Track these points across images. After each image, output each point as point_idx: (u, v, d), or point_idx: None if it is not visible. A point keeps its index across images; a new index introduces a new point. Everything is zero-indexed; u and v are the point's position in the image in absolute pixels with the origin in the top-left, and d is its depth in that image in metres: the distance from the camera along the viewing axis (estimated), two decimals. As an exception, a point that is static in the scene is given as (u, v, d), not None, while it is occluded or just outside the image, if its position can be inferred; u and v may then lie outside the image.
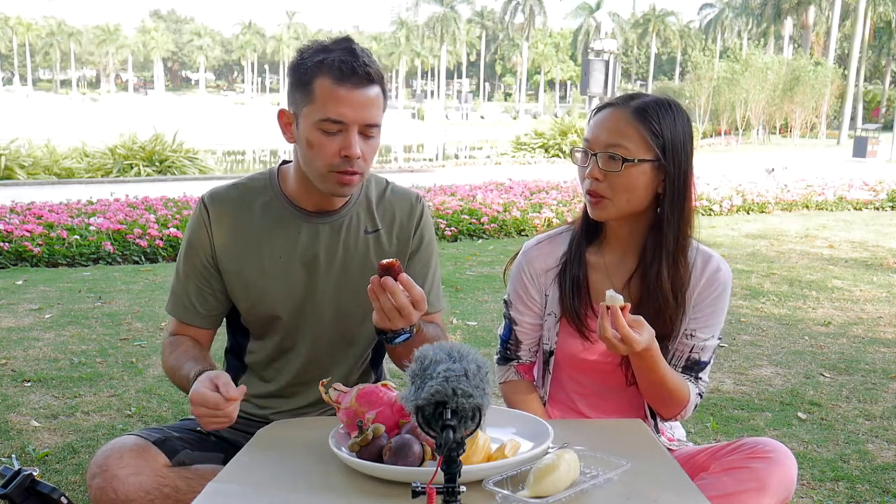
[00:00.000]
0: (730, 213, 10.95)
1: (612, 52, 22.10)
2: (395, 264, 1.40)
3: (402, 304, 1.40)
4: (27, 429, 3.00)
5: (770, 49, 53.22)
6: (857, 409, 3.35)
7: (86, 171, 13.88)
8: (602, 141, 1.56)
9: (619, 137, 1.55)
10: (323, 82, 1.50)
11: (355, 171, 1.55)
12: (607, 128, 1.57)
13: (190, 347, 1.65)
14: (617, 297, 1.43)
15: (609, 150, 1.55)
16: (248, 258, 1.66)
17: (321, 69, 1.51)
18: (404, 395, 1.01)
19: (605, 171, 1.56)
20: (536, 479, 1.17)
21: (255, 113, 58.15)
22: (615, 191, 1.56)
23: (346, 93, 1.50)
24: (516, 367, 1.76)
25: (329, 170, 1.54)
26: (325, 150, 1.52)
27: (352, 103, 1.50)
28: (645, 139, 1.55)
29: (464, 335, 4.46)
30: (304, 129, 1.54)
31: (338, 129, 1.51)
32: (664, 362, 1.55)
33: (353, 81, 1.50)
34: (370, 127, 1.54)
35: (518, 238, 8.64)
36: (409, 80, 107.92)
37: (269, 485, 1.25)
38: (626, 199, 1.57)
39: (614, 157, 1.55)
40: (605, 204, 1.58)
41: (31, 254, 6.67)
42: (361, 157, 1.54)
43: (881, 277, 6.40)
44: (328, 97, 1.50)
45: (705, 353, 1.65)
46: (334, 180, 1.55)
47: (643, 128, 1.55)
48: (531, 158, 20.97)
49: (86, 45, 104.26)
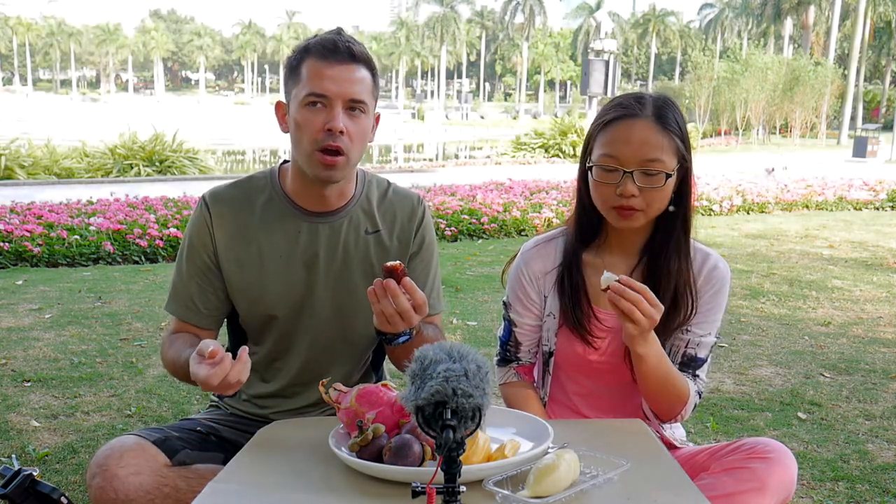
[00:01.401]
0: (730, 213, 10.96)
1: (612, 52, 22.13)
2: (398, 267, 1.40)
3: (403, 308, 1.40)
4: (27, 429, 3.00)
5: (770, 49, 53.21)
6: (857, 409, 3.35)
7: (86, 171, 13.87)
8: (637, 157, 1.52)
9: (655, 152, 1.52)
10: (309, 62, 1.55)
11: (339, 149, 1.55)
12: (640, 143, 1.52)
13: (188, 339, 1.63)
14: (611, 276, 1.43)
15: (647, 167, 1.52)
16: (248, 257, 1.66)
17: (308, 52, 1.56)
18: (404, 395, 1.01)
19: (643, 188, 1.52)
20: (536, 479, 1.17)
21: (255, 113, 58.15)
22: (650, 203, 1.54)
23: (330, 69, 1.54)
24: (516, 368, 1.76)
25: (314, 148, 1.55)
26: (309, 127, 1.54)
27: (334, 78, 1.53)
28: (674, 146, 1.54)
29: (464, 335, 4.46)
30: (293, 111, 1.57)
31: (321, 102, 1.54)
32: (666, 356, 1.55)
33: (336, 58, 1.54)
34: (355, 103, 1.55)
35: (518, 238, 8.64)
36: (409, 80, 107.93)
37: (269, 485, 1.25)
38: (658, 207, 1.56)
39: (653, 173, 1.52)
40: (637, 216, 1.56)
41: (31, 254, 6.68)
42: (347, 135, 1.55)
43: (881, 277, 6.40)
44: (313, 74, 1.54)
45: (702, 350, 1.65)
46: (318, 160, 1.56)
47: (672, 135, 1.54)
48: (531, 158, 20.97)
49: (86, 45, 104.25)
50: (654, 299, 1.44)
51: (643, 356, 1.51)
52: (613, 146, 1.54)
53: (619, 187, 1.53)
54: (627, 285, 1.42)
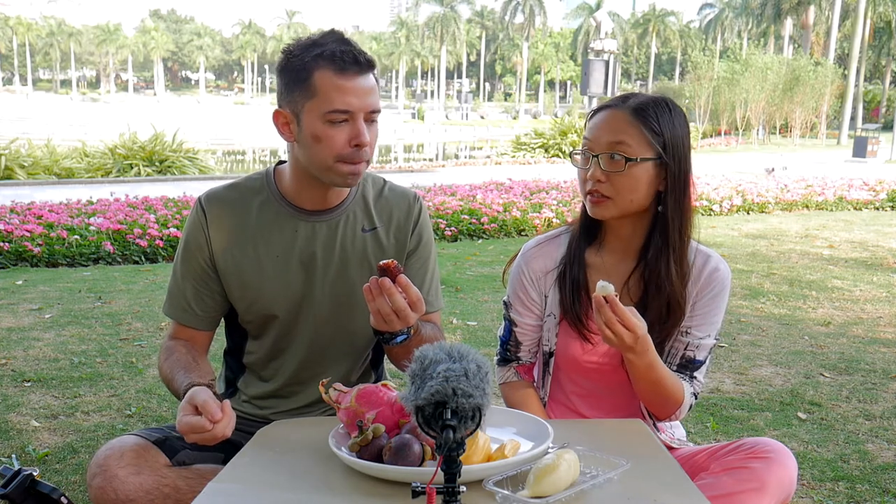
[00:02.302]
0: (730, 213, 10.96)
1: (612, 52, 22.15)
2: (392, 265, 1.40)
3: (399, 306, 1.39)
4: (27, 429, 3.00)
5: (770, 49, 53.20)
6: (857, 409, 3.35)
7: (86, 171, 13.87)
8: (603, 142, 1.57)
9: (621, 137, 1.56)
10: (323, 75, 1.51)
11: (363, 159, 1.56)
12: (608, 128, 1.58)
13: (183, 355, 1.62)
14: (608, 286, 1.43)
15: (611, 150, 1.56)
16: (245, 258, 1.66)
17: (319, 62, 1.51)
18: (404, 395, 1.01)
19: (607, 172, 1.56)
20: (536, 479, 1.17)
21: (255, 113, 58.15)
22: (618, 190, 1.57)
23: (350, 82, 1.51)
24: (516, 368, 1.76)
25: (337, 160, 1.54)
26: (333, 141, 1.53)
27: (356, 92, 1.52)
28: (646, 137, 1.55)
29: (464, 335, 4.46)
30: (309, 125, 1.54)
31: (344, 118, 1.52)
32: (659, 360, 1.55)
33: (354, 70, 1.52)
34: (373, 113, 1.56)
35: (518, 238, 8.64)
36: (409, 80, 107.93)
37: (269, 485, 1.25)
38: (630, 198, 1.57)
39: (617, 157, 1.55)
40: (607, 204, 1.58)
41: (31, 254, 6.67)
42: (368, 145, 1.56)
43: (881, 277, 6.40)
44: (332, 88, 1.50)
45: (700, 352, 1.65)
46: (344, 170, 1.55)
47: (643, 126, 1.56)
48: (531, 158, 20.96)
49: (86, 45, 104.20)
50: (632, 323, 1.43)
51: (631, 362, 1.54)
52: (588, 132, 1.61)
53: (589, 171, 1.58)
54: (611, 304, 1.42)
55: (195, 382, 1.42)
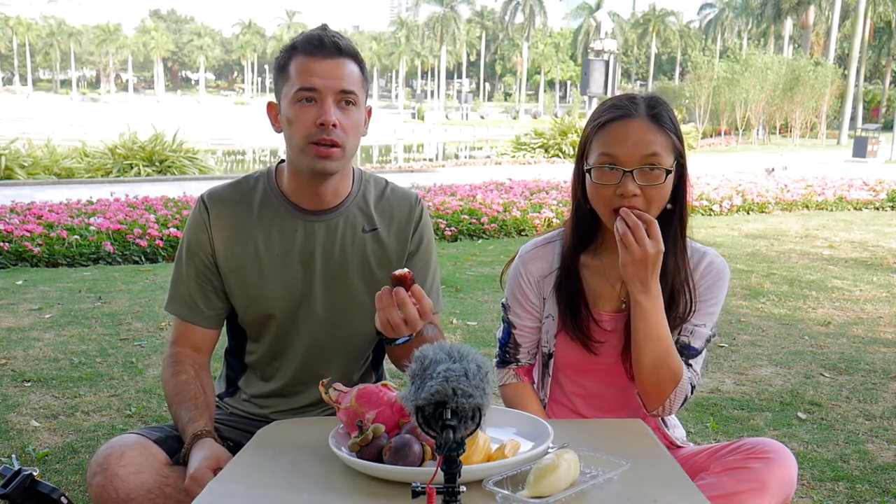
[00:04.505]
0: (730, 213, 10.96)
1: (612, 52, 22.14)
2: (408, 276, 1.39)
3: (411, 316, 1.39)
4: (27, 429, 3.00)
5: (770, 49, 53.21)
6: (857, 409, 3.35)
7: (86, 171, 13.87)
8: (635, 155, 1.52)
9: (653, 148, 1.52)
10: (296, 59, 1.57)
11: (334, 142, 1.55)
12: (637, 141, 1.52)
13: (192, 378, 1.61)
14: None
15: (646, 163, 1.52)
16: (246, 257, 1.66)
17: (295, 50, 1.58)
18: (404, 395, 1.01)
19: (643, 186, 1.52)
20: (536, 479, 1.17)
21: (255, 113, 58.13)
22: (651, 202, 1.54)
23: (317, 63, 1.55)
24: (515, 369, 1.76)
25: (306, 141, 1.55)
26: (301, 121, 1.55)
27: (322, 73, 1.54)
28: (670, 142, 1.54)
29: (464, 335, 4.46)
30: (284, 109, 1.58)
31: (311, 97, 1.55)
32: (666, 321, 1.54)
33: (322, 53, 1.55)
34: (345, 94, 1.56)
35: (518, 238, 8.64)
36: (409, 80, 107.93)
37: (269, 485, 1.25)
38: (659, 206, 1.56)
39: (656, 170, 1.52)
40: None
41: (31, 254, 6.68)
42: (340, 128, 1.55)
43: (881, 277, 6.40)
44: (301, 70, 1.55)
45: (696, 340, 1.64)
46: (312, 152, 1.56)
47: (666, 132, 1.54)
48: (531, 158, 20.96)
49: (86, 45, 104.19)
50: (656, 233, 1.47)
51: (641, 305, 1.52)
52: (611, 146, 1.54)
53: (620, 187, 1.52)
54: (637, 215, 1.46)
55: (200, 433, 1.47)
